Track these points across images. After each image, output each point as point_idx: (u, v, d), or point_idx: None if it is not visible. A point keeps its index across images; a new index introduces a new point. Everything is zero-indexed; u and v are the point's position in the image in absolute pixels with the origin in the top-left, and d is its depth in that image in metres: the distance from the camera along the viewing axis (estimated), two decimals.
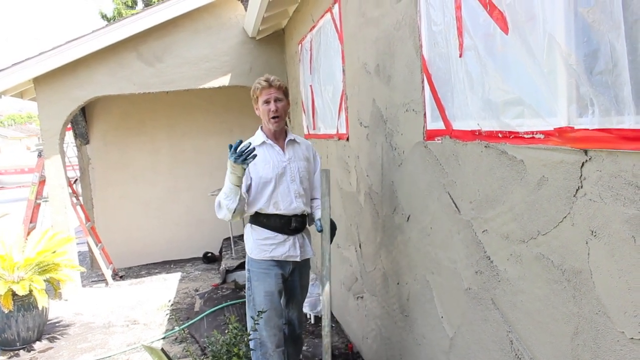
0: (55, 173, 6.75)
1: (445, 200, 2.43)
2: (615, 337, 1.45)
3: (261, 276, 3.27)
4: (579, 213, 1.54)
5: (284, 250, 3.28)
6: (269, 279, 3.27)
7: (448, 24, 2.23)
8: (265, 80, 3.24)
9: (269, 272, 3.27)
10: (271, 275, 3.28)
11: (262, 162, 3.20)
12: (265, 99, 3.24)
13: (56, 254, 5.62)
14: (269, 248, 3.27)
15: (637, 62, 1.27)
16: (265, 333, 3.25)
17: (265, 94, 3.24)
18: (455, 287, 2.42)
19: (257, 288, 3.28)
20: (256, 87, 3.27)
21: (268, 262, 3.28)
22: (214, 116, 8.65)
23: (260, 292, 3.27)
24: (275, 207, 3.24)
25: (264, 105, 3.24)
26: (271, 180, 3.22)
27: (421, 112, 2.60)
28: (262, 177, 3.21)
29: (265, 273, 3.27)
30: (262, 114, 3.27)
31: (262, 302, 3.24)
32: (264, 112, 3.25)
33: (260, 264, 3.28)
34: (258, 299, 3.27)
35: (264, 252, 3.27)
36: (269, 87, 3.24)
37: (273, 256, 3.27)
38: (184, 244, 8.70)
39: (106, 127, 8.38)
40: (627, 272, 1.38)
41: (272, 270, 3.28)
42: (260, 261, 3.28)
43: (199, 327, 5.38)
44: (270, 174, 3.22)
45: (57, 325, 5.87)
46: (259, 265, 3.28)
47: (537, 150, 1.71)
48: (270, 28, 6.65)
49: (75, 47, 6.38)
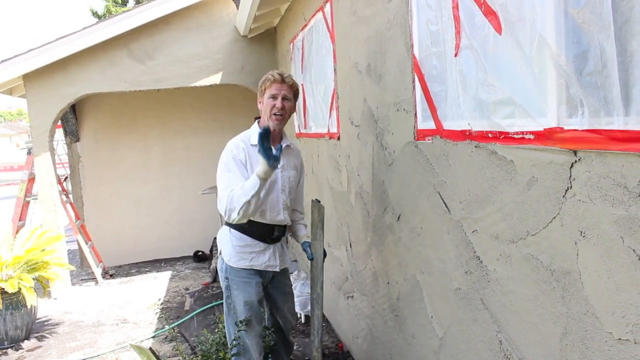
0: (45, 171, 6.71)
1: (436, 200, 2.43)
2: (604, 337, 1.45)
3: (241, 285, 3.12)
4: (568, 213, 1.55)
5: (264, 259, 3.15)
6: (250, 288, 3.12)
7: (443, 23, 2.23)
8: (279, 74, 3.02)
9: (249, 280, 3.12)
10: (251, 284, 3.13)
11: (256, 164, 2.93)
12: (273, 94, 2.99)
13: (45, 252, 5.59)
14: (248, 256, 3.12)
15: (626, 63, 1.27)
16: (248, 341, 3.14)
17: (274, 89, 2.99)
18: (445, 287, 2.42)
19: (237, 297, 3.13)
20: (267, 79, 3.03)
21: (247, 271, 3.12)
22: (206, 114, 8.62)
23: (240, 302, 3.12)
24: (262, 216, 3.07)
25: (269, 99, 3.00)
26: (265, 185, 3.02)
27: (412, 112, 2.60)
28: None
29: (245, 282, 3.12)
30: (265, 108, 3.03)
31: (244, 311, 3.11)
32: (267, 106, 3.01)
33: (240, 272, 3.12)
34: (239, 308, 3.13)
35: (243, 260, 3.11)
36: (282, 82, 3.00)
37: (253, 265, 3.12)
38: (175, 243, 8.67)
39: (97, 124, 8.33)
40: (616, 272, 1.39)
41: (252, 279, 3.13)
42: (239, 270, 3.11)
43: (189, 326, 5.36)
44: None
45: (45, 323, 5.83)
46: (238, 274, 3.12)
47: (527, 151, 1.71)
48: (262, 26, 6.64)
49: (66, 44, 6.34)
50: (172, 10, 6.58)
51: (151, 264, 8.37)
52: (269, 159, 2.71)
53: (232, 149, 3.01)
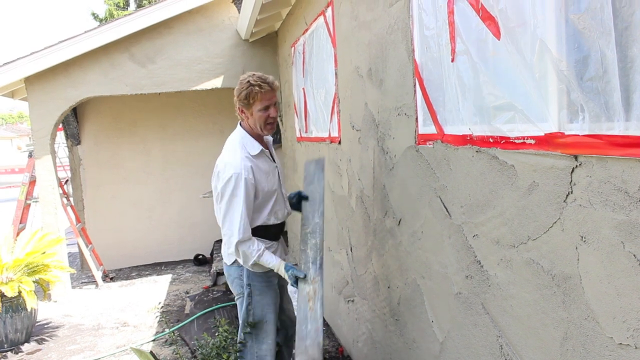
0: (45, 173, 6.72)
1: (436, 205, 2.44)
2: (604, 342, 1.45)
3: (264, 290, 3.12)
4: (569, 218, 1.55)
5: (278, 255, 3.17)
6: (271, 292, 3.15)
7: (440, 28, 2.24)
8: (267, 83, 2.91)
9: (270, 284, 3.14)
10: (272, 287, 3.16)
11: (264, 174, 3.01)
12: (264, 105, 2.92)
13: (46, 255, 5.59)
14: None
15: (626, 69, 1.28)
16: (265, 346, 3.14)
17: (265, 100, 2.91)
18: (446, 291, 2.42)
19: (259, 303, 3.11)
20: (255, 91, 2.88)
21: (269, 273, 3.11)
22: (206, 117, 8.64)
23: (264, 306, 3.12)
24: (275, 217, 3.12)
25: (261, 111, 2.93)
26: (275, 190, 3.08)
27: (413, 116, 2.60)
28: (268, 192, 3.03)
29: (267, 286, 3.13)
30: (257, 120, 2.95)
31: (266, 315, 3.13)
32: (259, 118, 2.94)
33: (262, 277, 3.11)
34: (260, 313, 3.11)
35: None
36: (271, 90, 2.93)
37: None
38: (175, 246, 8.67)
39: (98, 127, 8.34)
40: (616, 277, 1.39)
41: (272, 282, 3.16)
42: (262, 274, 3.10)
43: (189, 330, 5.35)
44: (275, 185, 3.08)
45: (45, 326, 5.83)
46: (261, 279, 3.11)
47: (528, 156, 1.72)
48: (264, 30, 6.66)
49: (67, 47, 6.35)
50: (174, 14, 6.60)
51: (151, 267, 8.37)
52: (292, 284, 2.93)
53: (240, 173, 2.88)
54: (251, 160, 2.95)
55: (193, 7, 6.65)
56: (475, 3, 1.93)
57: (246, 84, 2.91)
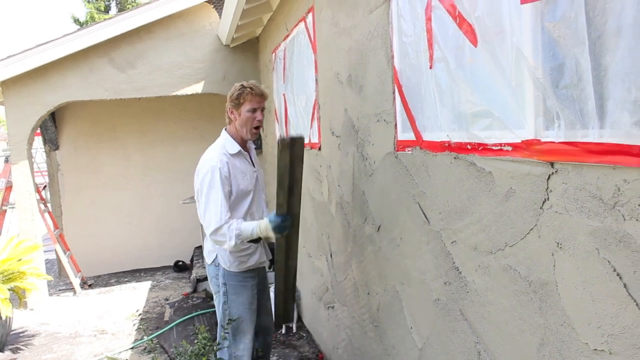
0: (22, 179, 6.62)
1: (415, 211, 2.44)
2: (580, 348, 1.46)
3: (239, 289, 3.21)
4: (545, 225, 1.56)
5: (257, 257, 3.25)
6: (247, 292, 3.23)
7: (419, 35, 2.25)
8: (258, 88, 3.12)
9: (246, 284, 3.22)
10: (248, 287, 3.23)
11: (241, 173, 3.13)
12: (253, 107, 3.09)
13: (22, 262, 5.49)
14: (245, 259, 3.20)
15: (600, 77, 1.29)
16: (242, 346, 3.22)
17: (254, 102, 3.10)
18: (425, 297, 2.42)
19: (234, 302, 3.20)
20: (246, 92, 3.08)
21: (245, 274, 3.22)
22: (187, 123, 8.58)
23: (237, 305, 3.21)
24: (252, 219, 3.18)
25: (248, 112, 3.09)
26: (250, 192, 3.17)
27: (392, 123, 2.61)
28: (243, 190, 3.13)
29: (242, 286, 3.21)
30: (244, 121, 3.11)
31: (242, 314, 3.21)
32: (247, 119, 3.10)
33: (238, 276, 3.20)
34: (236, 312, 3.20)
35: (242, 263, 3.20)
36: (261, 96, 3.13)
37: (250, 266, 3.22)
38: (155, 252, 8.59)
39: (76, 132, 8.25)
40: (591, 283, 1.40)
41: (248, 282, 3.24)
42: (238, 274, 3.20)
43: (169, 337, 5.30)
44: (250, 186, 3.17)
45: (21, 335, 5.72)
46: (237, 278, 3.20)
47: (505, 162, 1.73)
48: (245, 36, 6.64)
49: (45, 51, 6.28)
50: (155, 19, 6.56)
51: (131, 274, 8.29)
52: (280, 233, 2.98)
53: (215, 165, 3.01)
54: (228, 157, 3.09)
55: (174, 11, 6.61)
56: (453, 10, 1.94)
57: (240, 86, 3.13)
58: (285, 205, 2.98)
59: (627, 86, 1.21)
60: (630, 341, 1.29)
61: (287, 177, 2.93)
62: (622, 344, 1.32)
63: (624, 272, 1.30)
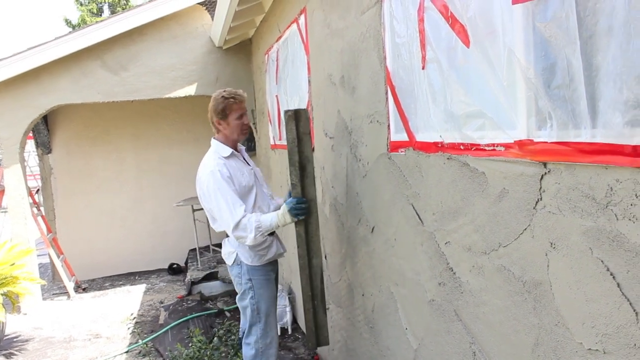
0: (15, 183, 6.58)
1: (409, 212, 2.44)
2: (574, 348, 1.46)
3: (264, 283, 3.34)
4: (538, 225, 1.56)
5: (274, 249, 3.37)
6: (271, 284, 3.39)
7: (411, 36, 2.24)
8: (238, 95, 3.26)
9: (269, 276, 3.38)
10: (271, 280, 3.40)
11: (238, 171, 3.24)
12: (239, 114, 3.26)
13: (15, 267, 5.46)
14: (265, 252, 3.32)
15: (592, 77, 1.29)
16: (270, 339, 3.37)
17: (239, 109, 3.26)
18: (419, 298, 2.42)
19: (262, 296, 3.33)
20: (230, 103, 3.23)
21: (267, 267, 3.36)
22: (180, 125, 8.57)
23: (265, 299, 3.34)
24: (261, 212, 3.27)
25: (237, 120, 3.26)
26: (252, 186, 3.28)
27: (385, 124, 2.61)
28: (245, 186, 3.23)
29: (267, 279, 3.36)
30: (233, 128, 3.27)
31: (269, 308, 3.36)
32: (236, 126, 3.27)
33: (261, 270, 3.33)
34: (264, 306, 3.34)
35: (262, 257, 3.31)
36: (242, 102, 3.28)
37: (269, 258, 3.35)
38: (149, 255, 8.57)
39: (69, 135, 8.22)
40: (585, 283, 1.40)
41: (271, 275, 3.41)
42: (261, 267, 3.32)
43: (163, 340, 5.28)
44: (250, 181, 3.28)
45: (14, 340, 5.69)
46: (260, 272, 3.33)
47: (498, 163, 1.73)
48: (237, 38, 6.63)
49: (37, 54, 6.24)
50: (147, 21, 6.54)
51: (125, 277, 8.26)
52: (296, 216, 3.05)
53: (214, 169, 3.14)
54: (223, 160, 3.22)
55: (167, 14, 6.58)
56: (445, 11, 1.94)
57: (221, 99, 3.24)
58: (299, 186, 3.03)
59: (619, 86, 1.22)
60: (624, 340, 1.30)
61: (297, 154, 2.98)
62: (616, 343, 1.32)
63: (617, 271, 1.30)
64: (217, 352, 4.55)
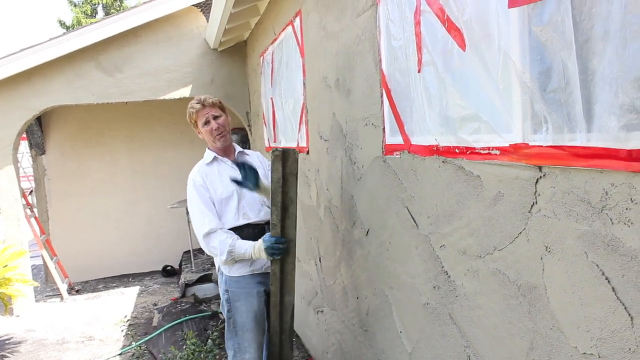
0: (8, 184, 6.55)
1: (404, 215, 2.43)
2: (569, 352, 1.46)
3: (242, 295, 3.09)
4: (533, 229, 1.56)
5: (263, 261, 3.08)
6: (251, 298, 3.09)
7: (408, 39, 2.24)
8: (198, 102, 3.16)
9: (250, 290, 3.09)
10: (253, 293, 3.09)
11: (218, 177, 3.10)
12: (204, 121, 3.14)
13: (7, 269, 5.44)
14: (247, 262, 3.07)
15: (587, 81, 1.29)
16: (248, 355, 3.09)
17: (202, 115, 3.14)
18: (414, 302, 2.42)
19: (239, 309, 3.09)
20: (191, 112, 3.18)
21: (250, 279, 3.10)
22: (174, 127, 8.54)
23: (242, 313, 3.09)
24: (245, 218, 3.09)
25: (204, 126, 3.15)
26: (232, 193, 3.07)
27: (380, 127, 2.61)
28: (223, 194, 3.06)
29: (247, 292, 3.09)
30: (206, 135, 3.16)
31: (246, 323, 3.09)
32: (207, 132, 3.14)
33: (241, 282, 3.09)
34: (240, 320, 3.09)
35: (243, 267, 3.08)
36: (203, 107, 3.14)
37: (254, 270, 3.10)
38: (143, 257, 8.53)
39: (63, 137, 8.19)
40: (580, 287, 1.40)
41: (254, 288, 3.10)
42: (240, 279, 3.09)
43: (157, 343, 5.26)
44: (230, 188, 3.06)
45: (7, 342, 5.65)
46: (240, 285, 3.09)
47: (493, 166, 1.73)
48: (232, 40, 6.63)
49: (31, 55, 6.21)
50: (142, 23, 6.53)
51: (119, 279, 8.22)
52: (272, 255, 2.88)
53: (190, 177, 3.13)
54: (204, 168, 3.15)
55: (162, 15, 6.58)
56: (441, 14, 1.94)
57: (188, 109, 3.24)
58: (279, 226, 2.87)
59: (614, 90, 1.22)
60: (618, 345, 1.30)
61: (280, 195, 2.83)
62: (611, 347, 1.32)
63: (612, 275, 1.30)
64: (211, 354, 4.54)
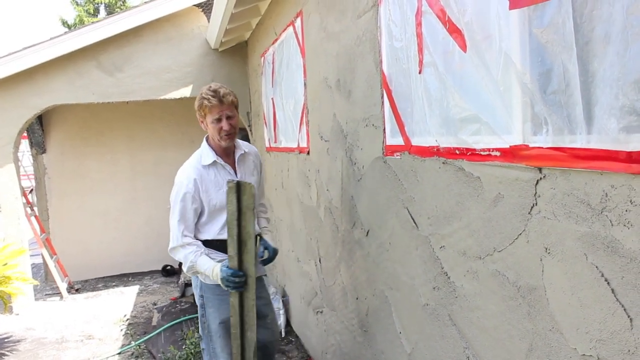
0: (8, 183, 6.55)
1: (404, 216, 2.44)
2: (568, 353, 1.46)
3: (216, 302, 3.01)
4: (533, 230, 1.56)
5: None
6: (225, 305, 2.93)
7: (409, 40, 2.25)
8: (215, 96, 2.88)
9: (224, 297, 2.93)
10: (226, 301, 2.90)
11: (214, 186, 2.94)
12: (216, 117, 2.90)
13: (7, 267, 5.43)
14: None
15: (588, 82, 1.29)
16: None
17: (215, 113, 2.89)
18: (414, 302, 2.42)
19: (212, 315, 3.03)
20: (204, 104, 2.90)
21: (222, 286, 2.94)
22: (174, 127, 8.54)
23: (216, 320, 3.02)
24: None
25: (214, 123, 2.91)
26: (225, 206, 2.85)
27: (381, 127, 2.61)
28: (216, 204, 2.94)
29: (220, 299, 2.98)
30: (212, 131, 2.94)
31: (219, 330, 3.01)
32: (214, 129, 2.91)
33: (215, 289, 2.98)
34: (214, 327, 3.03)
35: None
36: (220, 104, 2.88)
37: None
38: (143, 257, 8.53)
39: (64, 136, 8.19)
40: (579, 289, 1.40)
41: (228, 296, 2.92)
42: (214, 286, 2.97)
43: (156, 342, 5.26)
44: (224, 200, 2.82)
45: (6, 341, 5.66)
46: (213, 291, 2.99)
47: (493, 168, 1.73)
48: (233, 40, 6.63)
49: (32, 54, 6.22)
50: (143, 22, 6.53)
51: (118, 279, 8.23)
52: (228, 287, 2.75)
53: (183, 182, 2.94)
54: (200, 171, 2.95)
55: (163, 15, 6.58)
56: (442, 15, 1.94)
57: (200, 97, 2.95)
58: (235, 259, 2.73)
59: (615, 92, 1.22)
60: (618, 346, 1.30)
61: (236, 228, 2.69)
62: (610, 349, 1.32)
63: (612, 277, 1.30)
64: None
